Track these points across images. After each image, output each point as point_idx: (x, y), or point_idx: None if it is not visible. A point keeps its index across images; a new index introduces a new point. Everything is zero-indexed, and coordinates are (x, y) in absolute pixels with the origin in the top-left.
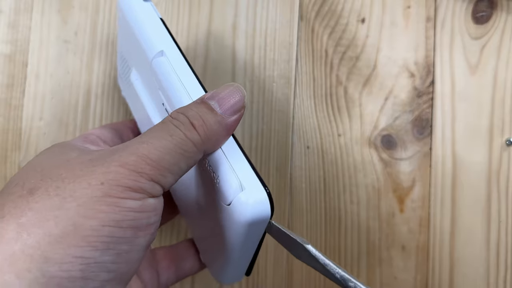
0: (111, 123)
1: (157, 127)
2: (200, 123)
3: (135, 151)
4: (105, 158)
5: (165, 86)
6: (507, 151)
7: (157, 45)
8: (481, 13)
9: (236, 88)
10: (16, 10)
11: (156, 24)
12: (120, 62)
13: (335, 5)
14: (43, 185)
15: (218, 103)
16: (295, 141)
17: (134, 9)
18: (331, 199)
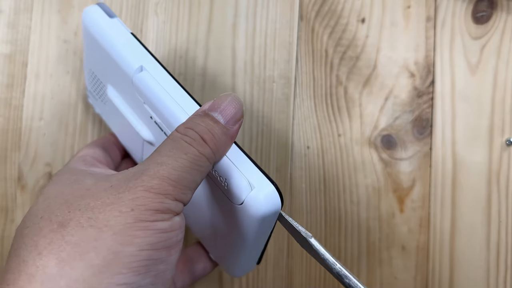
0: (96, 141)
1: (168, 145)
2: (210, 137)
3: (156, 174)
4: (128, 183)
5: (152, 99)
6: (507, 151)
7: (135, 61)
8: (481, 13)
9: (234, 98)
10: (16, 10)
11: (129, 40)
12: (90, 80)
13: (335, 5)
14: (74, 217)
15: (221, 114)
16: (295, 141)
17: (101, 27)
18: (331, 199)
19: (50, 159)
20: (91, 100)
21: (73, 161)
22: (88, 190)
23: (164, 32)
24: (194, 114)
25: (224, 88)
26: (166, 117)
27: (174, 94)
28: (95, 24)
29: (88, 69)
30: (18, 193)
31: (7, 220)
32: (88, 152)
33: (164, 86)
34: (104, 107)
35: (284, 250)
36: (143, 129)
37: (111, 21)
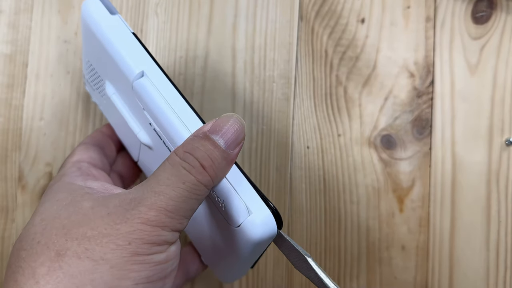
0: (91, 139)
1: (167, 172)
2: (209, 164)
3: (153, 205)
4: (125, 213)
5: (152, 108)
6: (506, 151)
7: (136, 66)
8: (481, 13)
9: (236, 120)
10: (16, 10)
11: (130, 41)
12: (88, 70)
13: (335, 5)
14: (71, 246)
15: (222, 138)
16: (295, 141)
17: (101, 24)
18: (331, 199)
19: (51, 159)
20: (88, 88)
21: (69, 170)
22: (85, 216)
23: (164, 32)
24: (195, 135)
25: (224, 88)
26: (165, 129)
27: (174, 105)
28: (95, 19)
29: (86, 60)
30: (19, 193)
31: (8, 220)
32: (83, 157)
33: (165, 96)
34: (102, 100)
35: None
36: (142, 133)
37: (112, 18)
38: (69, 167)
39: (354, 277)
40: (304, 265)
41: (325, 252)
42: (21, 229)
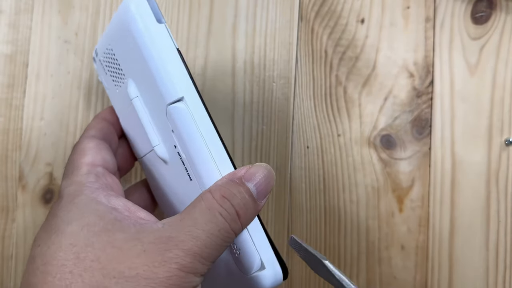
0: (99, 131)
1: (204, 216)
2: (243, 213)
3: (190, 251)
4: (162, 255)
5: (184, 137)
6: (506, 151)
7: (177, 90)
8: (480, 14)
9: (270, 173)
10: (16, 10)
11: (174, 60)
12: (106, 56)
13: (335, 6)
14: (109, 285)
15: (256, 188)
16: (295, 141)
17: (145, 31)
18: (331, 199)
19: (51, 159)
20: (97, 66)
21: (86, 178)
22: (120, 251)
23: None
24: (230, 179)
25: (224, 88)
26: (194, 162)
27: (209, 141)
28: (138, 23)
29: (108, 47)
30: (19, 193)
31: (8, 219)
32: (97, 159)
33: (201, 128)
34: (113, 88)
35: (284, 250)
36: (161, 147)
37: (158, 27)
38: (85, 173)
39: (353, 277)
40: (322, 268)
41: (325, 252)
42: (21, 229)
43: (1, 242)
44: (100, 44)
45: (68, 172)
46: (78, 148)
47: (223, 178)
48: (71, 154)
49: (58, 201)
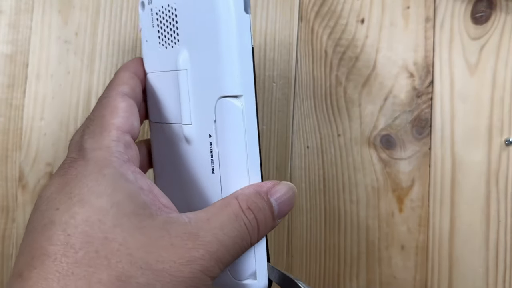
0: (131, 90)
1: (231, 221)
2: (262, 228)
3: (214, 255)
4: (189, 252)
5: (227, 133)
6: (506, 151)
7: (239, 86)
8: (480, 14)
9: (294, 195)
10: (16, 10)
11: (247, 54)
12: (164, 10)
13: (335, 6)
14: (135, 274)
15: (278, 207)
16: (295, 141)
17: (232, 14)
18: (331, 199)
19: (51, 159)
20: (144, 14)
21: (115, 146)
22: (149, 240)
23: None
24: (257, 191)
25: None
26: (227, 161)
27: (249, 146)
28: (227, 3)
29: (172, 2)
30: (19, 192)
31: (8, 219)
32: (126, 125)
33: (246, 132)
34: (155, 43)
35: (284, 249)
36: (190, 127)
37: (243, 17)
38: (115, 139)
39: (353, 277)
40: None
41: (325, 252)
42: (22, 229)
43: (1, 241)
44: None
45: (95, 130)
46: (110, 103)
47: (250, 187)
48: (98, 106)
49: (79, 160)
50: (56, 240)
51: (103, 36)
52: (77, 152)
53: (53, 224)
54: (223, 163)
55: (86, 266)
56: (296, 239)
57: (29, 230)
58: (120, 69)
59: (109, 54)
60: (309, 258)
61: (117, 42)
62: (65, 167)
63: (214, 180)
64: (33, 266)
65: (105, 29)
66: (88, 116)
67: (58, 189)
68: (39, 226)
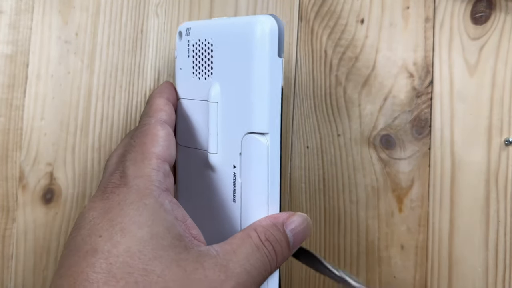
0: (169, 117)
1: (255, 254)
2: (280, 258)
3: (243, 285)
4: (222, 284)
5: (252, 167)
6: (505, 151)
7: (267, 125)
8: (480, 14)
9: (309, 226)
10: (17, 10)
11: (276, 95)
12: (201, 43)
13: (335, 6)
14: None
15: (293, 238)
16: (295, 141)
17: (266, 57)
18: (331, 199)
19: (51, 159)
20: (181, 44)
21: (155, 175)
22: (184, 273)
23: (164, 33)
24: (274, 224)
25: None
26: (249, 192)
27: (271, 181)
28: (263, 47)
29: (209, 38)
30: (19, 192)
31: (9, 219)
32: (166, 154)
33: (270, 168)
34: (189, 72)
35: None
36: (215, 156)
37: (276, 60)
38: (155, 167)
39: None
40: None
41: (325, 251)
42: (22, 229)
43: (2, 241)
44: (197, 29)
45: (137, 157)
46: (150, 131)
47: (267, 219)
48: (139, 132)
49: (121, 187)
50: (98, 268)
51: (103, 36)
52: (119, 178)
53: (96, 252)
54: (244, 193)
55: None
56: None
57: (70, 251)
58: (155, 95)
59: (109, 54)
60: None
61: (117, 43)
62: (108, 191)
63: (235, 208)
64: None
65: (105, 30)
66: (128, 141)
67: (101, 214)
68: (82, 251)
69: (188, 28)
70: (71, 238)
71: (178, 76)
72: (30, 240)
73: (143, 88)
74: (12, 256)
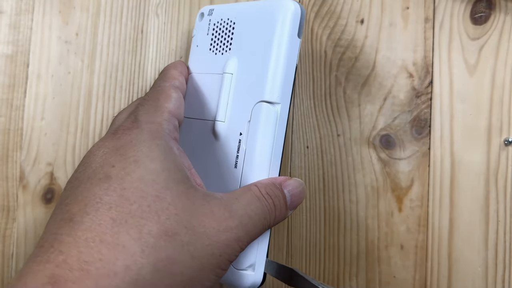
0: (180, 82)
1: (256, 203)
2: (278, 214)
3: (245, 227)
4: (227, 222)
5: (259, 134)
6: (505, 151)
7: (280, 95)
8: (480, 14)
9: (304, 189)
10: (17, 10)
11: (291, 71)
12: (223, 22)
13: (334, 6)
14: (178, 231)
15: (291, 198)
16: (295, 141)
17: (287, 36)
18: (330, 199)
19: (52, 159)
20: (202, 23)
21: (167, 125)
22: (193, 205)
23: (164, 33)
24: (272, 182)
25: None
26: (253, 158)
27: (275, 148)
28: (285, 26)
29: (232, 17)
30: (20, 192)
31: (9, 219)
32: (176, 111)
33: (276, 136)
34: (206, 49)
35: (284, 249)
36: (222, 124)
37: (296, 40)
38: (166, 118)
39: (353, 276)
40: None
41: (324, 251)
42: (22, 229)
43: (2, 241)
44: (221, 10)
45: (150, 109)
46: (164, 91)
47: (266, 179)
48: (153, 91)
49: (134, 129)
50: (112, 192)
51: (103, 36)
52: (131, 122)
53: (109, 178)
54: (248, 159)
55: (138, 218)
56: (296, 239)
57: (79, 182)
58: (169, 67)
59: (109, 54)
60: (309, 258)
61: (118, 43)
62: (119, 133)
63: (236, 173)
64: (86, 212)
65: (105, 30)
66: (141, 98)
67: (112, 151)
68: (94, 179)
69: (211, 9)
70: (78, 172)
71: (192, 53)
72: (30, 239)
73: (143, 88)
74: (12, 255)
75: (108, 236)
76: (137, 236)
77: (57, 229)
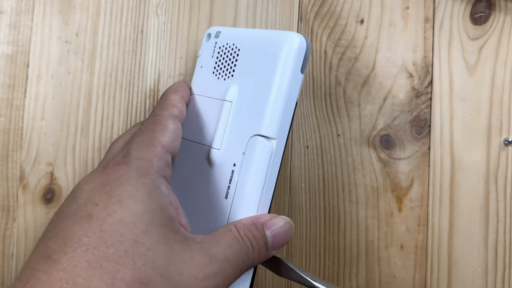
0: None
1: (234, 246)
2: (257, 256)
3: (224, 272)
4: (206, 267)
5: (252, 168)
6: (505, 150)
7: (276, 131)
8: (479, 14)
9: (290, 229)
10: (17, 11)
11: (291, 109)
12: (228, 47)
13: (334, 6)
14: (154, 279)
15: (272, 239)
16: (295, 141)
17: (289, 71)
18: (330, 199)
19: (52, 159)
20: (208, 45)
21: (157, 162)
22: (172, 250)
23: (164, 33)
24: (253, 222)
25: None
26: (244, 192)
27: (267, 185)
28: (289, 61)
29: (237, 43)
30: (20, 192)
31: (9, 219)
32: (171, 146)
33: (269, 173)
34: (209, 72)
35: (284, 249)
36: (217, 152)
37: (298, 76)
38: (159, 155)
39: (353, 276)
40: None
41: (324, 251)
42: (22, 229)
43: (2, 241)
44: (227, 33)
45: (143, 141)
46: (161, 122)
47: (248, 218)
48: (150, 120)
49: (123, 164)
50: (91, 233)
51: (103, 36)
52: (122, 157)
53: (90, 217)
54: (239, 192)
55: (114, 263)
56: (295, 239)
57: (63, 217)
58: (170, 91)
59: (109, 54)
60: (309, 258)
61: (118, 43)
62: (109, 168)
63: (226, 204)
64: (64, 251)
65: (105, 30)
66: (138, 127)
67: (99, 187)
68: (76, 216)
69: (218, 31)
70: (65, 205)
71: (196, 73)
72: (30, 239)
73: (143, 88)
74: (13, 255)
75: (81, 279)
76: (110, 282)
77: (35, 265)
